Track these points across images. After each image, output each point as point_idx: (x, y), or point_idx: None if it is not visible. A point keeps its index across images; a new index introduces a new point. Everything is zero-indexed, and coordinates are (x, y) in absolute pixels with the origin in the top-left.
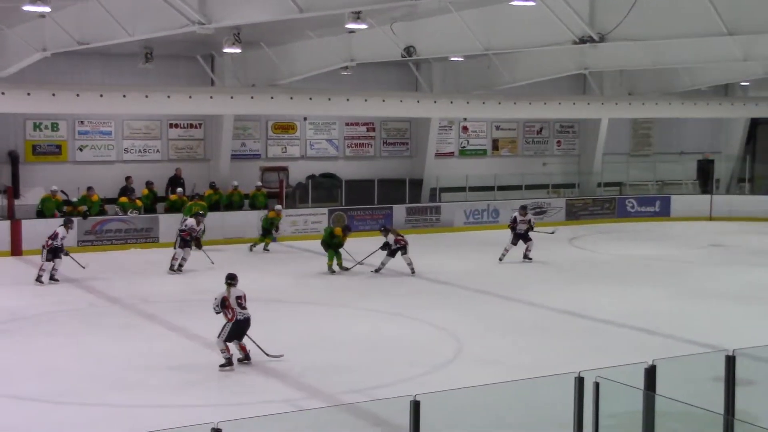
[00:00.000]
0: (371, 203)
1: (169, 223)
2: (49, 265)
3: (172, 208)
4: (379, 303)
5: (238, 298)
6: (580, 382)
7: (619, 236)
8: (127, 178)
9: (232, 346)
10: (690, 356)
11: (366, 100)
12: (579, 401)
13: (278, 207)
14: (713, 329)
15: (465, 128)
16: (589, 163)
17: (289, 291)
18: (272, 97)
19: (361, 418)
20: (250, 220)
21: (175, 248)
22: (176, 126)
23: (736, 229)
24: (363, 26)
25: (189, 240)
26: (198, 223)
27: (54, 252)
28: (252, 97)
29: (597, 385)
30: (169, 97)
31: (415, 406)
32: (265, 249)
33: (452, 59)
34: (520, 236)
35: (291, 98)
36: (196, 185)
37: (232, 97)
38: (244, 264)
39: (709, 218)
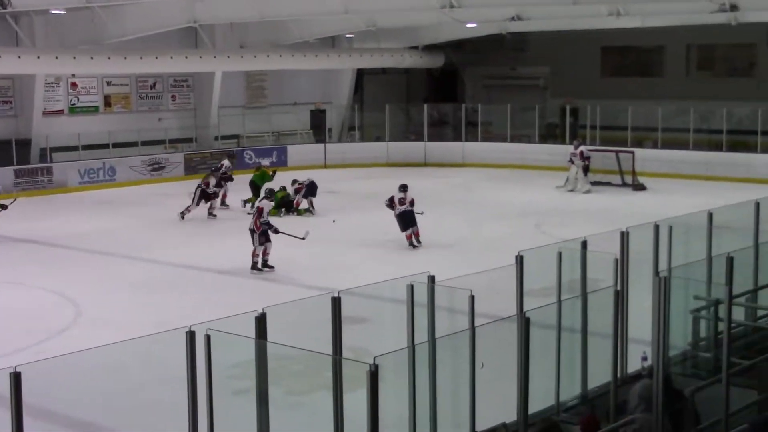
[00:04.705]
0: None
1: None
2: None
3: None
4: None
5: (401, 199)
6: (191, 336)
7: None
8: None
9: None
10: (300, 300)
11: None
12: (191, 355)
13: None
14: (328, 273)
15: (74, 85)
16: (205, 117)
17: None
18: None
19: None
20: None
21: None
22: None
23: (348, 175)
24: None
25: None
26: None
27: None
28: None
29: (208, 338)
30: None
31: (16, 377)
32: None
33: (54, 12)
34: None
35: None
36: None
37: None
38: None
39: (324, 166)
